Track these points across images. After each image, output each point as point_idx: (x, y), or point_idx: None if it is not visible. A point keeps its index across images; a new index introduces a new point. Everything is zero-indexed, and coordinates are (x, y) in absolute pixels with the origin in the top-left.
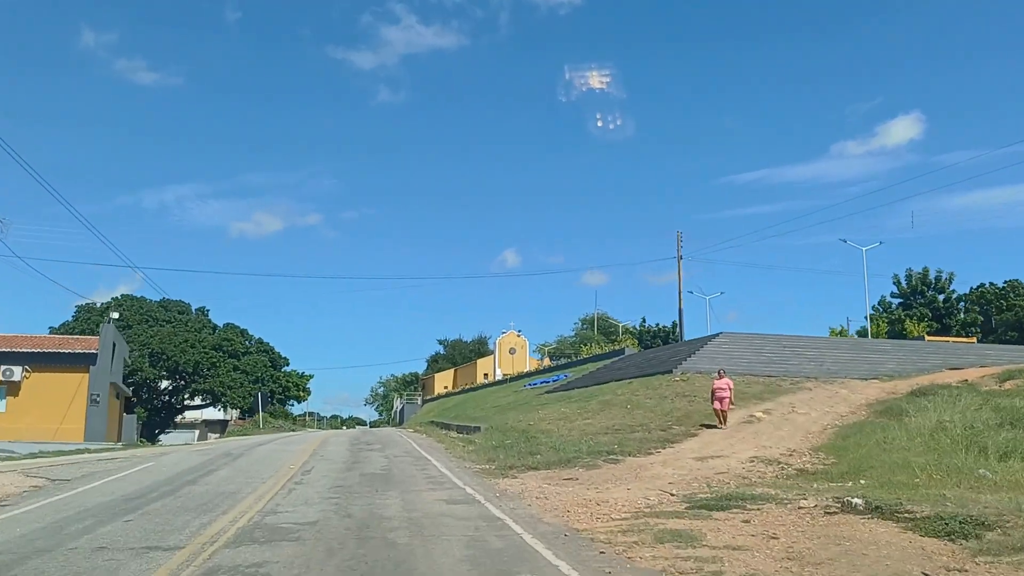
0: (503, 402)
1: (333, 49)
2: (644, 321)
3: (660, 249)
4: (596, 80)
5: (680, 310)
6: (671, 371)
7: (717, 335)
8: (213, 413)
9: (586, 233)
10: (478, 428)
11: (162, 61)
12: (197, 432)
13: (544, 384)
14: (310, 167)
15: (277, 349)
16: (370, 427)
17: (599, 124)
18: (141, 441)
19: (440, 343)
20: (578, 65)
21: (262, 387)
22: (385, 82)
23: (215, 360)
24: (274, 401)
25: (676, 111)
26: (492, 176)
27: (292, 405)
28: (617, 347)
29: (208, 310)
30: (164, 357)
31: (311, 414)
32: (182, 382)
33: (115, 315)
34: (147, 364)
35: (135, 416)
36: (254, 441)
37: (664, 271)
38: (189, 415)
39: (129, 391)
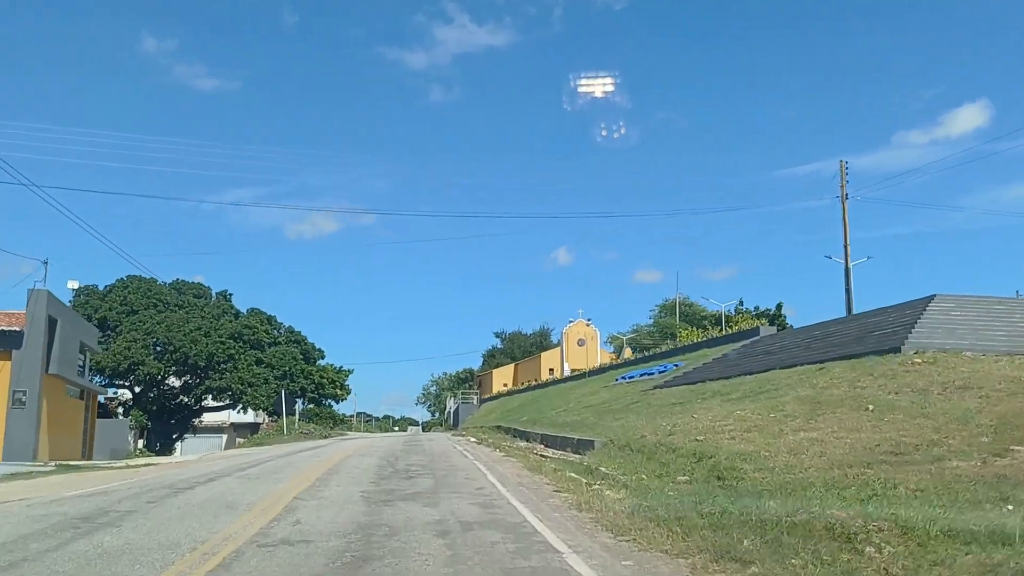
0: (595, 400)
1: (387, 50)
2: (742, 303)
3: (714, 240)
4: (606, 87)
5: (847, 269)
6: (897, 350)
7: (930, 298)
8: (243, 415)
9: (640, 229)
10: (590, 443)
11: (221, 66)
12: (225, 437)
13: (646, 377)
14: (365, 168)
15: (311, 340)
16: (422, 430)
17: (614, 132)
18: (141, 452)
19: (497, 336)
20: (629, 61)
21: (290, 384)
22: (438, 81)
23: (233, 352)
24: (305, 400)
25: (731, 104)
26: (545, 173)
27: (328, 404)
28: (739, 328)
29: (231, 294)
30: (171, 348)
31: (361, 414)
32: (195, 378)
33: (72, 284)
34: (151, 357)
35: (128, 421)
36: (226, 465)
37: (721, 266)
38: (214, 417)
39: (106, 389)
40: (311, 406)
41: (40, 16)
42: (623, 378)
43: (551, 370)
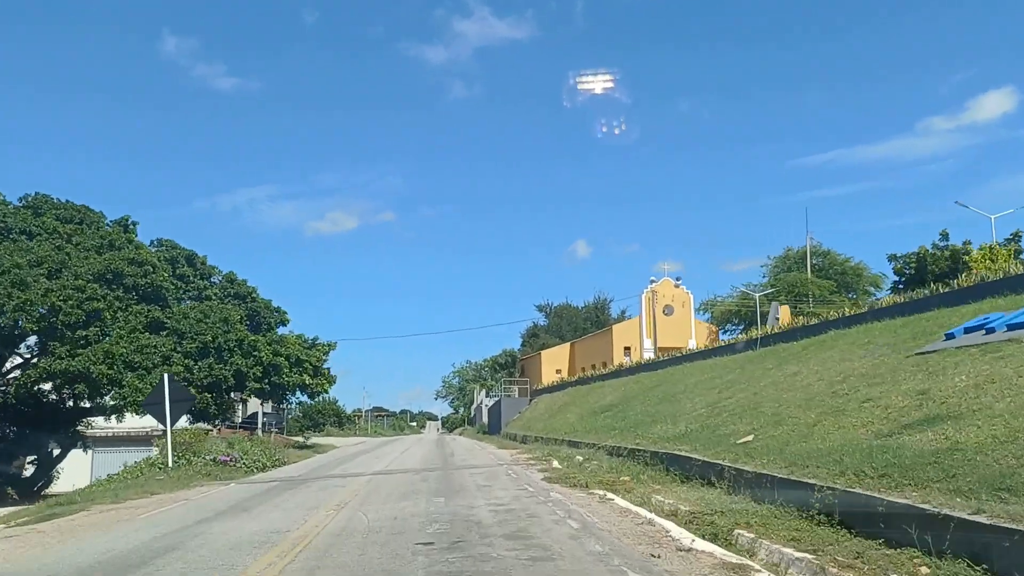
0: (986, 404)
1: (406, 45)
2: (932, 247)
3: (735, 234)
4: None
5: None
6: None
7: None
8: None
9: (658, 222)
10: None
11: (241, 66)
12: (155, 450)
13: None
14: (384, 165)
15: (282, 307)
16: (441, 425)
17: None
18: None
19: (540, 310)
20: (647, 56)
21: (213, 365)
22: (458, 77)
23: (101, 305)
24: (246, 393)
25: (750, 92)
26: (565, 168)
27: (296, 398)
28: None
29: (136, 223)
30: None
31: (375, 410)
32: (32, 357)
33: None
34: None
35: None
36: None
37: (743, 258)
38: (120, 424)
39: None
40: (275, 405)
41: (53, 18)
42: (962, 332)
43: (627, 349)
